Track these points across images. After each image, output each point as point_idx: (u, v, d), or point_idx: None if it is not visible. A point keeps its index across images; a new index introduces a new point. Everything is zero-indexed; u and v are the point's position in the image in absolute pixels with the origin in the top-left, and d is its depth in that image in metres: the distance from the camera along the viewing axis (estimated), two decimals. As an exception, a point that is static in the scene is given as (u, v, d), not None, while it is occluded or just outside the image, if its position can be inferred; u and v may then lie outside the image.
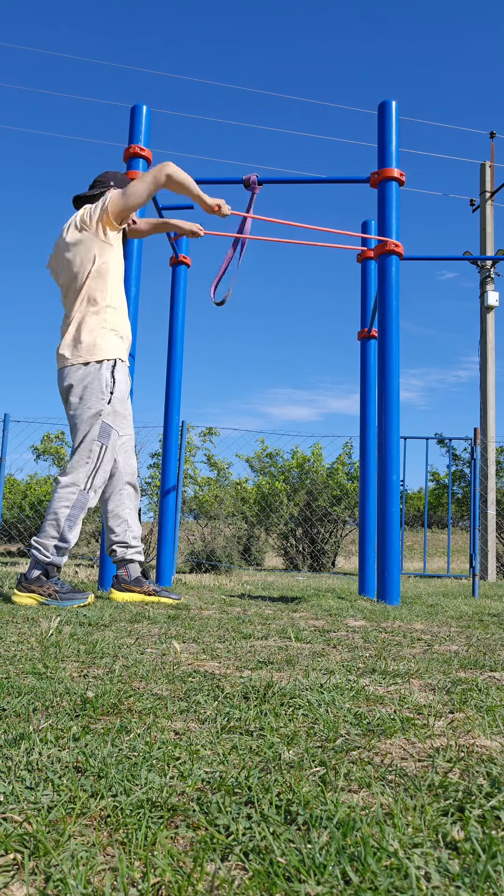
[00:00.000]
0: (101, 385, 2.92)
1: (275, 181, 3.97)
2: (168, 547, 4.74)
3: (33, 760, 0.84)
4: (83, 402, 2.92)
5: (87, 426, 2.90)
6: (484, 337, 11.17)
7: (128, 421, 3.14)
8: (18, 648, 1.64)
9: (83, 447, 2.89)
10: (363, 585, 4.69)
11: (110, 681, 1.29)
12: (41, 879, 0.58)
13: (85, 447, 2.88)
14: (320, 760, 0.87)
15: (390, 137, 3.72)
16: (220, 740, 0.95)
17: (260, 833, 0.66)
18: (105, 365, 2.94)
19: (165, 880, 0.58)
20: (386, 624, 2.45)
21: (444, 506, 12.84)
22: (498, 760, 0.89)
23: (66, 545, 2.82)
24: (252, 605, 3.07)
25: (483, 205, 11.59)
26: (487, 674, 1.50)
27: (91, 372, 2.92)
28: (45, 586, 2.77)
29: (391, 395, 3.51)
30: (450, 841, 0.65)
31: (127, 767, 0.82)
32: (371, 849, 0.62)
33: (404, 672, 1.47)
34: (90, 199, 3.21)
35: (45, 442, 10.44)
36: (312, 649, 1.79)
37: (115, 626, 2.13)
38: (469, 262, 11.61)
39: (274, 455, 10.91)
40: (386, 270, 3.62)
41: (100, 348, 2.94)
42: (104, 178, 3.27)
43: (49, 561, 2.80)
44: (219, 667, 1.50)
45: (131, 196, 2.97)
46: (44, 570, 2.81)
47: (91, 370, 2.92)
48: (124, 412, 3.04)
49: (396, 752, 0.92)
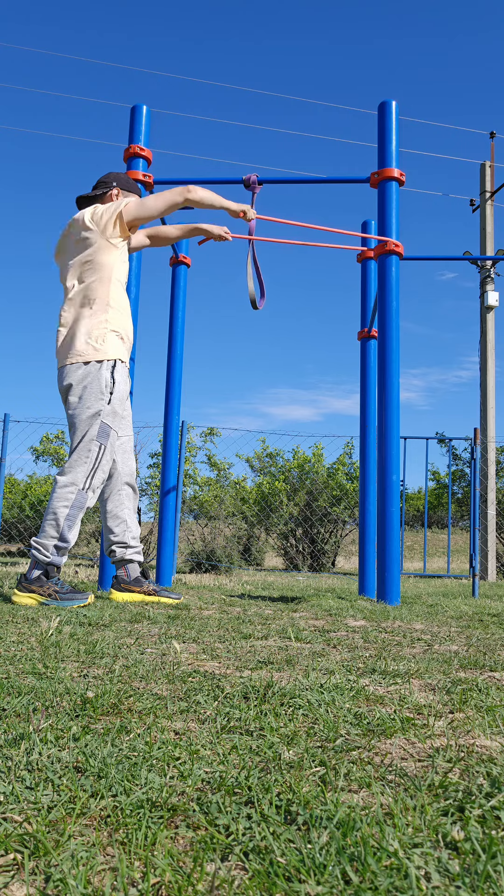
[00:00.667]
0: (100, 385, 2.92)
1: (275, 181, 3.97)
2: (168, 547, 4.74)
3: (33, 760, 0.84)
4: (82, 402, 2.92)
5: (86, 426, 2.90)
6: (484, 337, 11.17)
7: (127, 422, 3.15)
8: (18, 648, 1.64)
9: (82, 447, 2.89)
10: (363, 585, 4.69)
11: (110, 681, 1.29)
12: (41, 879, 0.58)
13: (83, 447, 2.88)
14: (320, 760, 0.87)
15: (390, 137, 3.72)
16: (220, 740, 0.95)
17: (260, 833, 0.66)
18: (105, 365, 2.94)
19: (165, 880, 0.58)
20: (386, 624, 2.45)
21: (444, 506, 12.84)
22: (498, 760, 0.89)
23: (66, 545, 2.82)
24: (252, 605, 3.07)
25: (483, 205, 11.59)
26: (487, 674, 1.50)
27: (91, 372, 2.92)
28: (46, 586, 2.77)
29: (391, 395, 3.51)
30: (450, 841, 0.65)
31: (127, 767, 0.82)
32: (371, 849, 0.62)
33: (404, 672, 1.47)
34: (93, 200, 3.22)
35: (45, 442, 10.44)
36: (312, 649, 1.79)
37: (115, 626, 2.13)
38: (469, 262, 11.61)
39: (274, 455, 10.91)
40: (386, 270, 3.62)
41: (100, 348, 2.95)
42: (108, 178, 3.27)
43: (49, 561, 2.80)
44: (219, 667, 1.50)
45: (147, 209, 3.02)
46: (44, 571, 2.81)
47: (91, 370, 2.93)
48: (123, 413, 3.04)
49: (396, 752, 0.92)
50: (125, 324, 3.06)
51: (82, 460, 2.87)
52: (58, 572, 2.85)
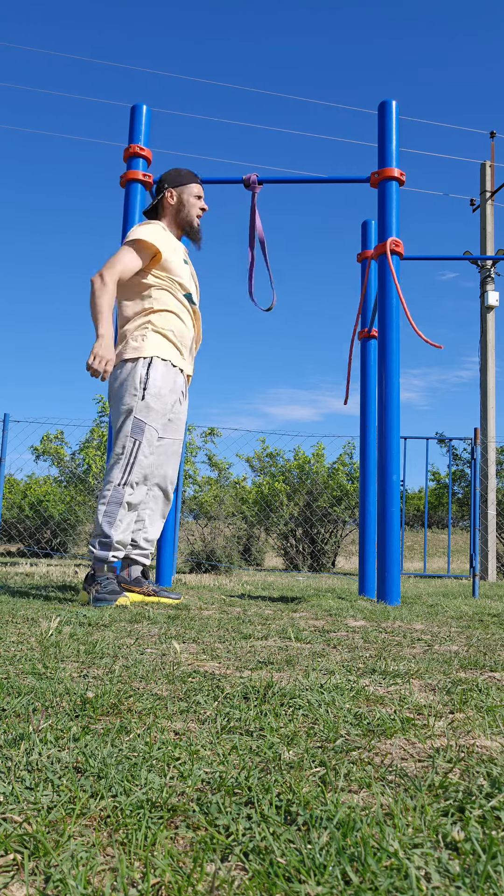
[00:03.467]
0: (134, 382, 2.94)
1: (275, 181, 3.97)
2: (168, 547, 4.74)
3: (33, 761, 0.84)
4: (118, 399, 2.96)
5: (120, 423, 2.93)
6: (484, 337, 11.17)
7: (170, 423, 3.13)
8: (18, 648, 1.64)
9: (117, 444, 2.92)
10: (363, 585, 4.69)
11: (110, 681, 1.29)
12: (41, 880, 0.58)
13: (119, 444, 2.91)
14: (320, 761, 0.87)
15: (390, 137, 3.72)
16: (220, 740, 0.95)
17: (260, 833, 0.66)
18: (141, 362, 2.96)
19: (165, 880, 0.58)
20: (386, 624, 2.45)
21: (445, 506, 12.84)
22: (498, 761, 0.88)
23: (108, 540, 2.84)
24: (252, 605, 3.07)
25: (483, 205, 11.59)
26: (487, 674, 1.50)
27: (127, 368, 2.97)
28: (94, 586, 2.84)
29: (391, 395, 3.51)
30: (450, 841, 0.65)
31: (127, 768, 0.82)
32: (371, 849, 0.62)
33: (404, 672, 1.47)
34: (154, 210, 3.26)
35: (45, 442, 10.43)
36: (312, 649, 1.79)
37: (114, 627, 2.13)
38: (469, 262, 11.60)
39: (274, 455, 10.91)
40: (386, 270, 3.62)
41: (139, 348, 2.98)
42: (160, 182, 3.28)
43: (95, 556, 2.87)
44: (219, 667, 1.50)
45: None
46: (93, 568, 2.89)
47: (127, 367, 2.97)
48: (162, 409, 3.00)
49: (396, 753, 0.92)
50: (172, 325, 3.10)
51: (117, 457, 2.90)
52: (110, 570, 2.88)
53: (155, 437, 2.97)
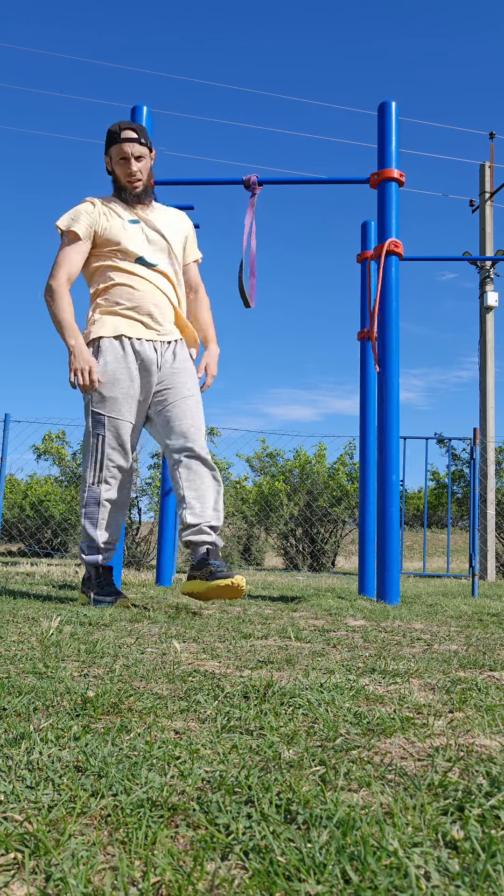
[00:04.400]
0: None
1: (275, 181, 3.97)
2: (168, 547, 4.74)
3: (34, 760, 0.84)
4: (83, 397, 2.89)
5: (86, 421, 2.86)
6: (483, 337, 11.17)
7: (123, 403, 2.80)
8: (19, 648, 1.64)
9: (85, 443, 2.87)
10: (363, 585, 4.69)
11: (111, 680, 1.29)
12: (41, 878, 0.58)
13: (85, 442, 2.87)
14: (320, 760, 0.87)
15: (390, 138, 3.72)
16: (221, 740, 0.95)
17: (260, 832, 0.66)
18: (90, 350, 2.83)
19: (165, 879, 0.58)
20: (386, 623, 2.45)
21: (444, 506, 12.83)
22: (498, 760, 0.89)
23: (94, 542, 2.80)
24: (252, 605, 3.07)
25: (483, 205, 11.59)
26: (487, 673, 1.50)
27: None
28: (90, 590, 2.83)
29: (391, 395, 3.51)
30: (449, 840, 0.65)
31: (127, 767, 0.82)
32: (371, 848, 0.62)
33: (404, 671, 1.47)
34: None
35: (46, 442, 10.44)
36: (312, 649, 1.79)
37: (115, 626, 2.13)
38: (469, 262, 11.60)
39: (274, 455, 10.91)
40: (386, 271, 3.62)
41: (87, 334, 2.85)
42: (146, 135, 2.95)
43: (85, 561, 2.85)
44: (219, 666, 1.50)
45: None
46: (88, 572, 2.87)
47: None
48: (122, 393, 2.78)
49: (396, 752, 0.92)
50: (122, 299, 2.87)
51: (86, 457, 2.85)
52: (100, 571, 2.84)
53: (122, 427, 2.78)
